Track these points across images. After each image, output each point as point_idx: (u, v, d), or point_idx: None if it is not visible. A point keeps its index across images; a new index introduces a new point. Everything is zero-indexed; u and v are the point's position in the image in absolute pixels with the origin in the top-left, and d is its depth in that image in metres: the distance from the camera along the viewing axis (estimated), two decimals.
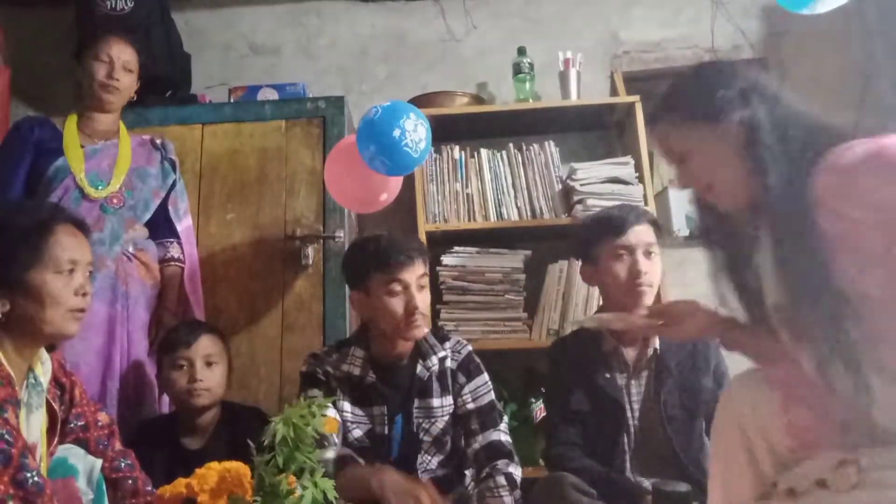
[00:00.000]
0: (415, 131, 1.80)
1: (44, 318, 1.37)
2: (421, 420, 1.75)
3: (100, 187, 2.03)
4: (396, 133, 1.78)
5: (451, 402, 1.78)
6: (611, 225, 1.78)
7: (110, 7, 2.56)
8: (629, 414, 1.75)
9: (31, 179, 2.01)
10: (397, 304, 1.68)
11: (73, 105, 2.20)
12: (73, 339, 1.85)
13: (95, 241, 1.94)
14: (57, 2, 2.85)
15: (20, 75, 2.71)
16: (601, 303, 1.94)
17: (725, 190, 1.24)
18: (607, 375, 1.77)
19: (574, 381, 1.78)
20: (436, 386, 1.77)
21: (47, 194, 1.97)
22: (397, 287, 1.68)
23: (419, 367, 1.77)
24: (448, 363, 1.79)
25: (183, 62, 2.76)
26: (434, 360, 1.78)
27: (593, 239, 1.81)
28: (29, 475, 1.21)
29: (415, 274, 1.71)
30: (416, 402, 1.75)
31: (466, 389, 1.78)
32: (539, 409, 2.36)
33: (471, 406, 1.77)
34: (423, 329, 1.73)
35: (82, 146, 2.06)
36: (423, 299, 1.71)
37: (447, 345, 1.82)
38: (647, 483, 1.64)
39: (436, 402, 1.76)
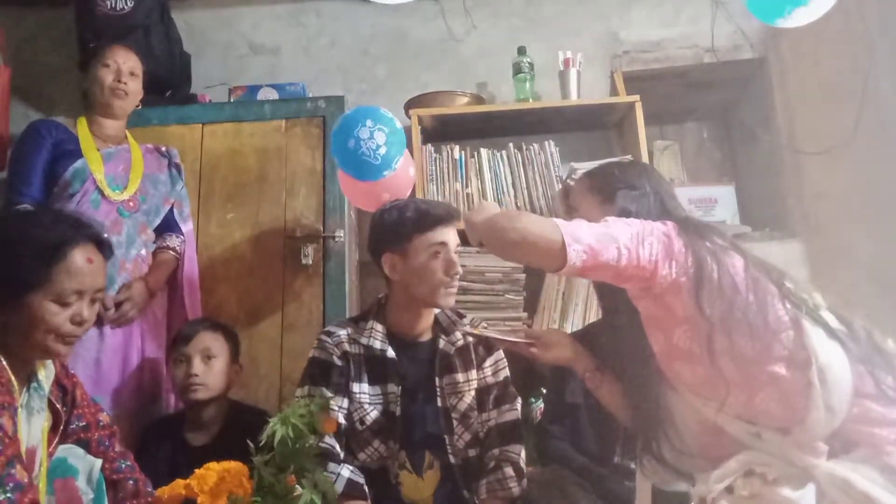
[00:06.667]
0: (371, 139, 1.79)
1: (31, 339, 1.32)
2: (448, 396, 1.74)
3: (117, 190, 2.06)
4: (351, 143, 1.80)
5: (475, 376, 1.78)
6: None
7: (110, 7, 2.56)
8: None
9: (49, 180, 2.02)
10: (439, 267, 1.70)
11: (73, 105, 2.21)
12: (93, 338, 1.88)
13: (114, 244, 1.97)
14: (57, 2, 2.85)
15: (20, 75, 2.70)
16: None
17: None
18: None
19: (569, 374, 1.79)
20: (458, 361, 1.77)
21: (66, 195, 1.98)
22: (440, 249, 1.70)
23: (442, 342, 1.77)
24: (468, 338, 1.81)
25: (183, 62, 2.77)
26: (458, 334, 1.79)
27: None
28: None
29: (455, 239, 1.74)
30: (442, 379, 1.75)
31: (488, 362, 1.80)
32: (539, 409, 2.36)
33: (491, 380, 1.79)
34: (454, 297, 1.75)
35: (97, 149, 2.08)
36: (459, 265, 1.74)
37: (465, 321, 1.84)
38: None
39: (460, 376, 1.76)
